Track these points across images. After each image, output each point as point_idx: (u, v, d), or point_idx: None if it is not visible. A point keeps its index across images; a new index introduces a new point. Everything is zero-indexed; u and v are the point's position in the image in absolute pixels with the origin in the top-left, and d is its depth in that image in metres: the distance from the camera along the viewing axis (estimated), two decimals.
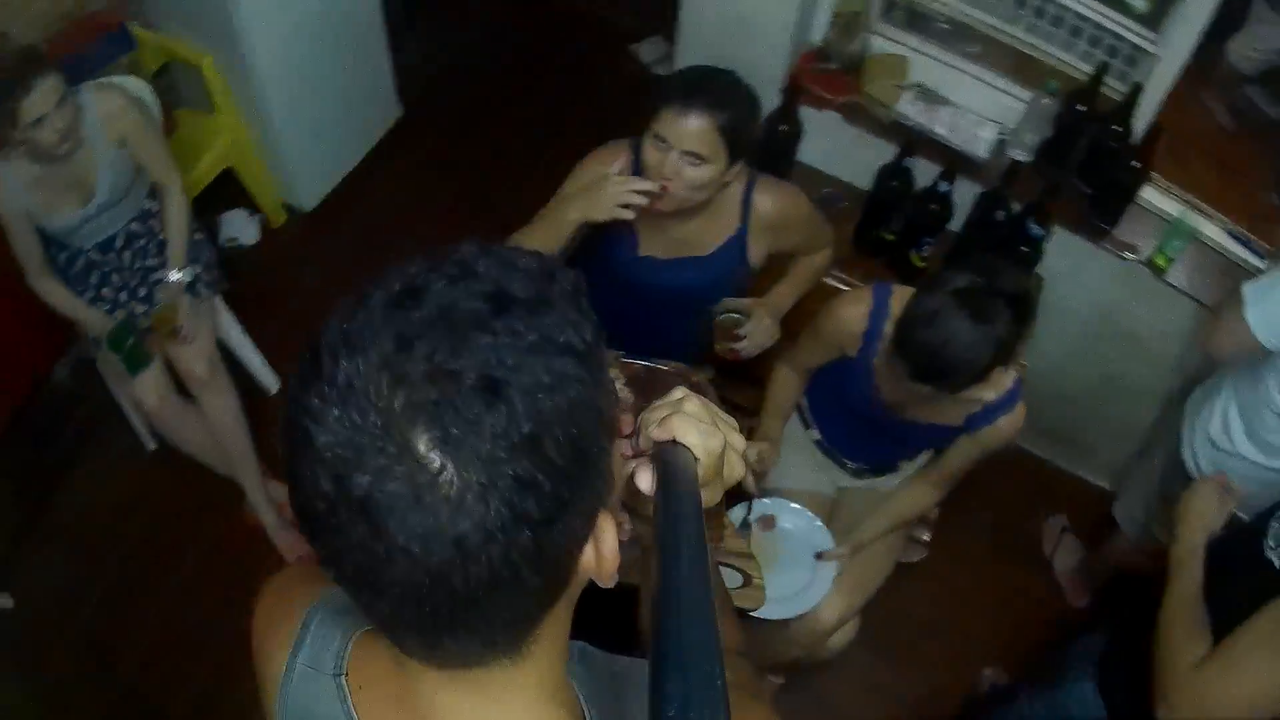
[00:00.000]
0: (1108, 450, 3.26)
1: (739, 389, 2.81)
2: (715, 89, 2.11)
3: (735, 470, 1.02)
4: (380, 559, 0.64)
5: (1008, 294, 1.92)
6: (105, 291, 2.93)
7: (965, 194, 2.77)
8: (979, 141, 2.80)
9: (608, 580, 0.76)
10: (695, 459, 0.94)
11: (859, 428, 2.46)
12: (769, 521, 2.44)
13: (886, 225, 2.79)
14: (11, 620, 3.00)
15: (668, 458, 0.92)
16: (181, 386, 3.00)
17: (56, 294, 2.84)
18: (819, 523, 2.44)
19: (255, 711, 0.97)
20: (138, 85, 3.04)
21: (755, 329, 2.40)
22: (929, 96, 2.84)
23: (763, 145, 2.79)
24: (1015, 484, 3.30)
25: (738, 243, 2.35)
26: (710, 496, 0.99)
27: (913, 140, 2.72)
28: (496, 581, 0.66)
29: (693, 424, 0.95)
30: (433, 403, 0.63)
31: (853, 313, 2.26)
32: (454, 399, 0.63)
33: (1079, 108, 2.61)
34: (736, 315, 2.39)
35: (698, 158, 2.09)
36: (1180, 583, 1.86)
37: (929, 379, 1.96)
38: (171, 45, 3.35)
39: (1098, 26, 2.60)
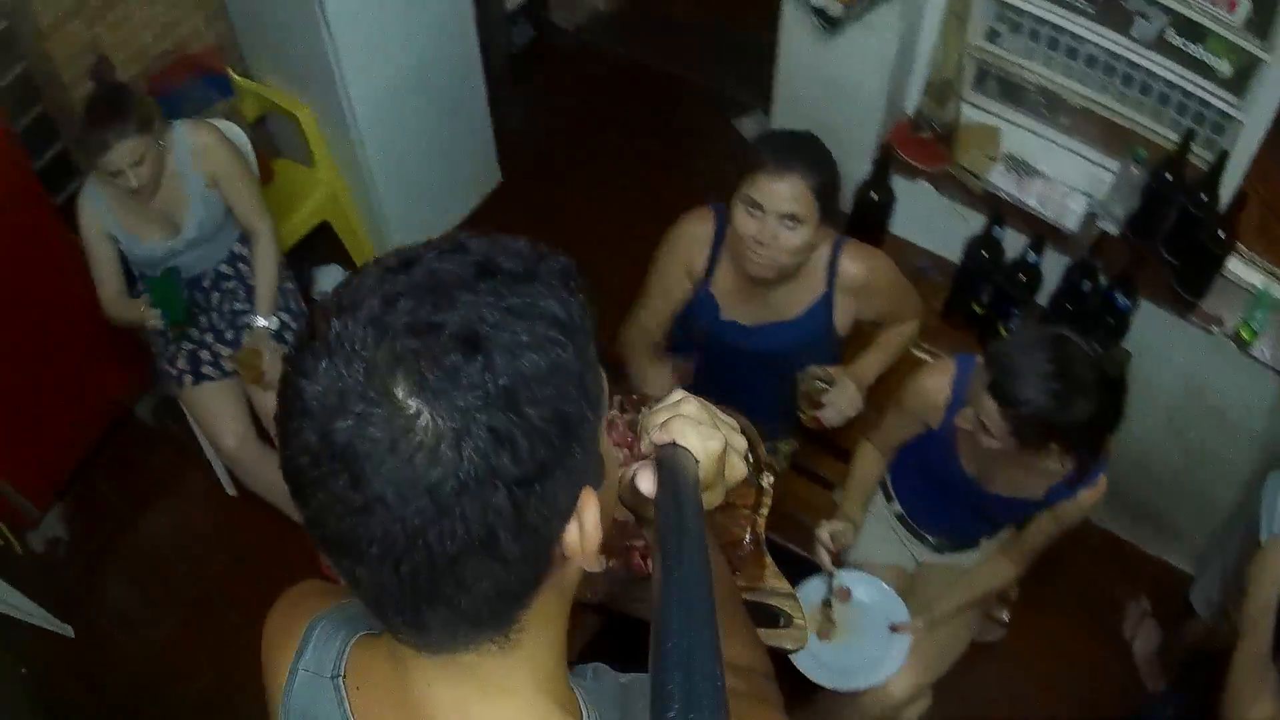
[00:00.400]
0: (1190, 532, 3.16)
1: (823, 460, 2.82)
2: (806, 151, 2.13)
3: (736, 471, 1.02)
4: (358, 511, 0.66)
5: (1102, 369, 1.94)
6: (191, 331, 2.97)
7: (1052, 265, 2.74)
8: (1069, 213, 2.78)
9: (593, 562, 0.76)
10: (696, 461, 0.95)
11: (941, 501, 2.43)
12: (844, 593, 2.41)
13: (976, 297, 2.77)
14: (70, 647, 3.03)
15: (668, 460, 0.93)
16: (264, 432, 3.03)
17: (120, 305, 2.86)
18: (894, 594, 2.40)
19: None
20: (233, 129, 3.11)
21: (839, 396, 2.37)
22: (1020, 167, 2.83)
23: (854, 214, 2.79)
24: (1097, 566, 3.22)
25: (823, 307, 2.34)
26: (712, 498, 1.00)
27: (1001, 210, 2.70)
28: (473, 543, 0.67)
29: (692, 426, 0.96)
30: (413, 351, 0.65)
31: (935, 382, 2.25)
32: (433, 348, 0.65)
33: (1166, 176, 2.58)
34: (820, 382, 2.38)
35: (794, 220, 2.10)
36: (1250, 641, 1.84)
37: (1000, 396, 1.95)
38: (271, 95, 3.43)
39: (1184, 93, 2.58)
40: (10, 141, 2.86)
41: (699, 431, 0.96)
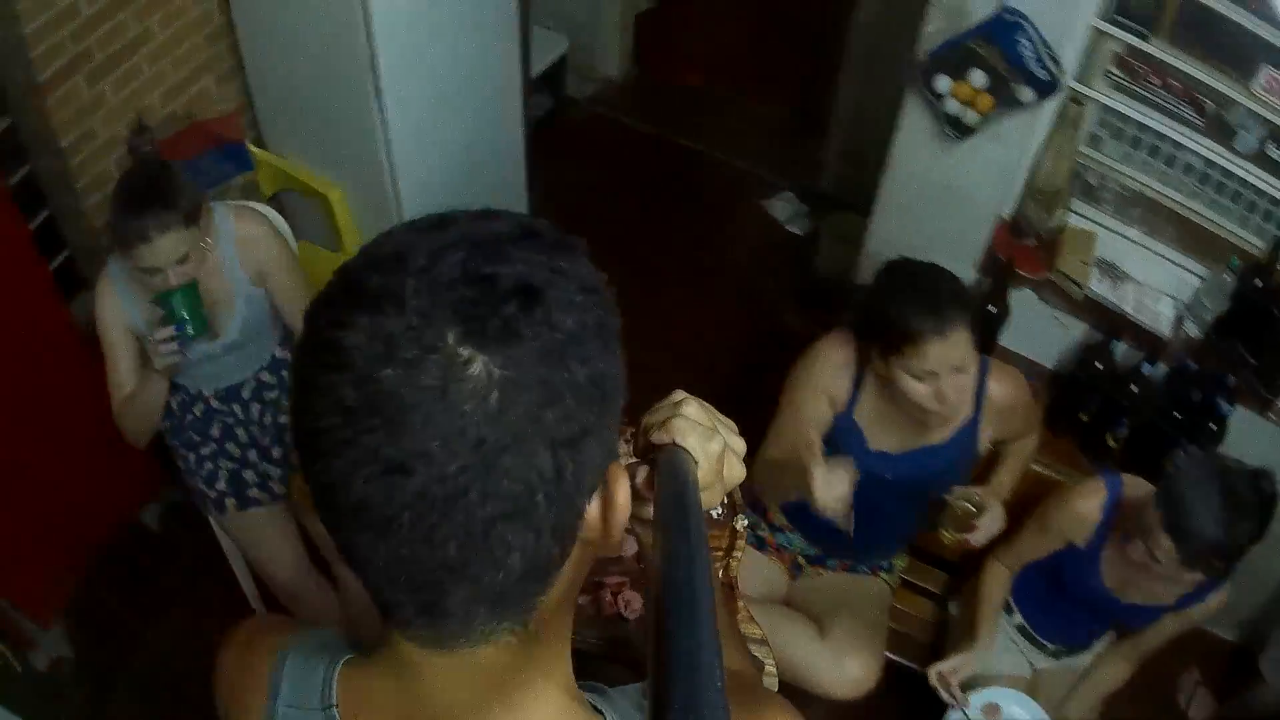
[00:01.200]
0: (1238, 604, 3.25)
1: (928, 573, 2.81)
2: (949, 294, 2.07)
3: (736, 472, 1.02)
4: (395, 470, 0.62)
5: (1260, 489, 2.05)
6: (230, 447, 2.61)
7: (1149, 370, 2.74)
8: (1160, 318, 2.79)
9: (615, 539, 0.75)
10: (695, 461, 0.94)
11: (1070, 612, 2.46)
12: (993, 709, 2.40)
13: (1082, 406, 2.75)
14: None
15: (668, 460, 0.93)
16: (317, 558, 2.73)
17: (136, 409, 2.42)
18: (1039, 707, 2.41)
19: None
20: (277, 218, 2.79)
21: (990, 520, 2.33)
22: (1113, 272, 2.82)
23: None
24: None
25: (970, 429, 2.31)
26: (711, 499, 0.99)
27: (1116, 321, 2.69)
28: (512, 506, 0.65)
29: (692, 427, 0.96)
30: (469, 300, 0.64)
31: (1089, 505, 2.29)
32: (490, 298, 0.64)
33: (1256, 282, 2.61)
34: (969, 505, 2.32)
35: (963, 365, 2.07)
36: None
37: (1178, 536, 2.01)
38: (297, 172, 3.15)
39: (1272, 200, 2.61)
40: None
41: (699, 432, 0.96)
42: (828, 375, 2.30)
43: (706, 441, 0.95)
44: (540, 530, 0.67)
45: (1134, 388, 2.65)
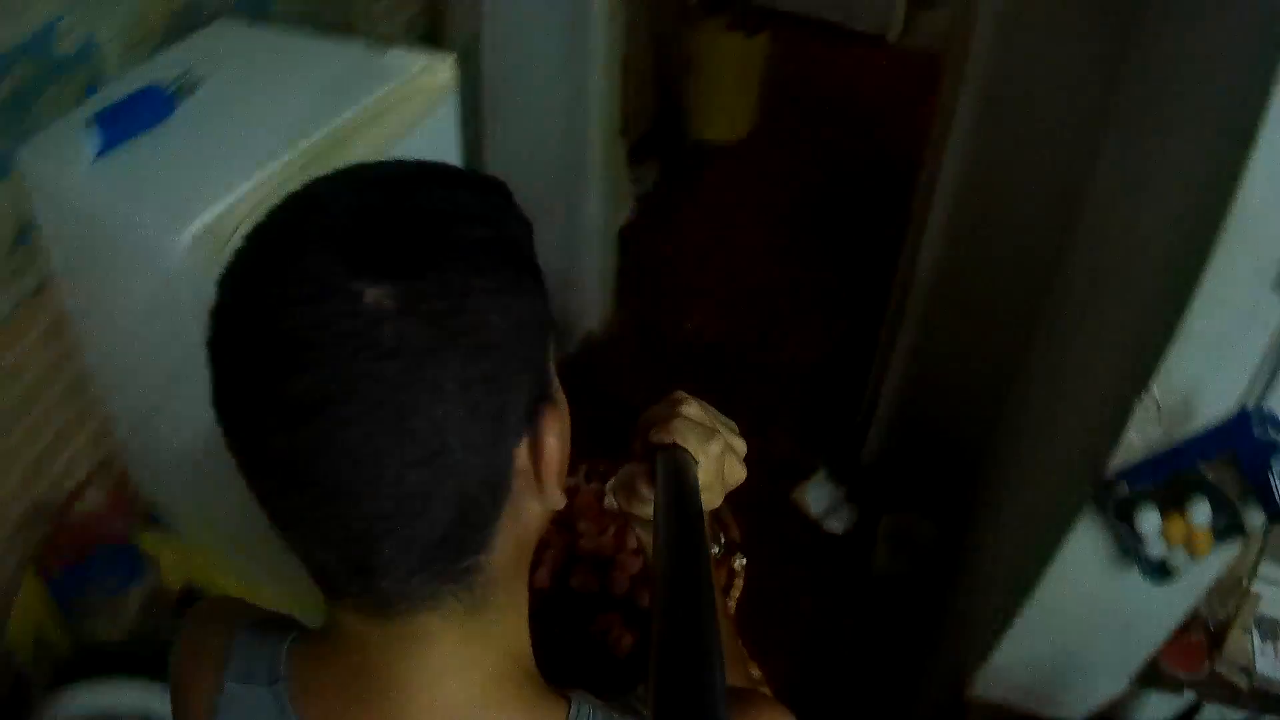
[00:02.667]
0: None
1: None
2: None
3: (736, 473, 0.99)
4: (300, 413, 0.60)
5: None
6: None
7: None
8: None
9: (552, 492, 0.73)
10: (695, 462, 0.92)
11: None
12: None
13: None
14: None
15: (668, 462, 0.91)
16: None
17: None
18: None
19: None
20: None
21: None
22: (1272, 629, 2.28)
23: None
24: None
25: None
26: (711, 500, 0.96)
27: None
28: (423, 450, 0.62)
29: (692, 427, 0.94)
30: (360, 232, 0.62)
31: None
32: (384, 230, 0.63)
33: None
34: None
35: None
36: None
37: None
38: (206, 557, 2.41)
39: None
40: None
41: (699, 433, 0.94)
42: None
43: (707, 442, 0.94)
44: (460, 475, 0.65)
45: None
